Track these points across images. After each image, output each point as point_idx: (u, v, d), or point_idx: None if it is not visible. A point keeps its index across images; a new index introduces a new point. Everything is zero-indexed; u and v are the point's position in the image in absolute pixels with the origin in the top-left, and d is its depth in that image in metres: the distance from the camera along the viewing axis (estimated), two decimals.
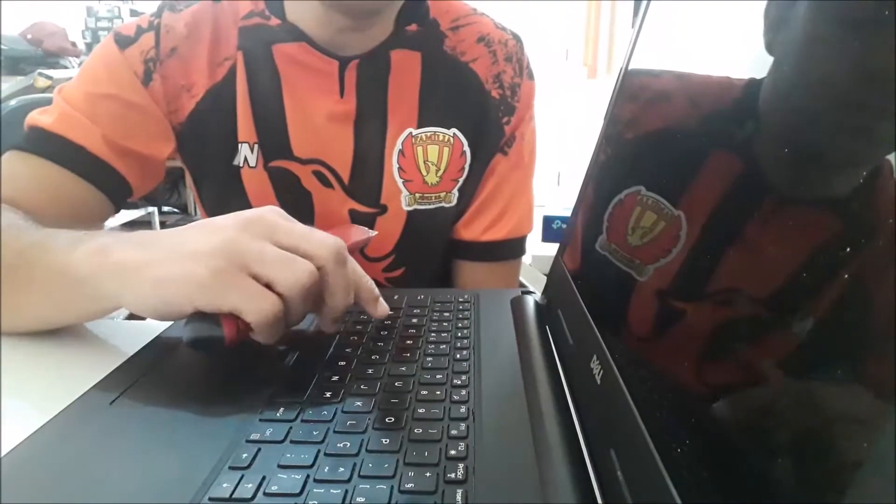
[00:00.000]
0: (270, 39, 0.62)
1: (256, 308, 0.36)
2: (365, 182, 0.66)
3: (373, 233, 0.58)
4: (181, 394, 0.38)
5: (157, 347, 0.43)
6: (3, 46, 2.91)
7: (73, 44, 3.21)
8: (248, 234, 0.37)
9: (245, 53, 0.63)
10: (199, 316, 0.37)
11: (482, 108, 0.68)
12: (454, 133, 0.67)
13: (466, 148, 0.67)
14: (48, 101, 0.63)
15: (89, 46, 3.34)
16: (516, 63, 0.70)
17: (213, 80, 0.63)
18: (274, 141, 0.64)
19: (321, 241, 0.39)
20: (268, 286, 0.37)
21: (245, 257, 0.36)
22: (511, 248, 0.72)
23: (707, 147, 0.30)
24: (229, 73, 0.63)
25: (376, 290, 0.44)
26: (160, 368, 0.40)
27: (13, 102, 1.37)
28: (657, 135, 0.39)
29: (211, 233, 0.38)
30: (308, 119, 0.64)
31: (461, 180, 0.68)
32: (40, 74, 2.53)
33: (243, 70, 0.63)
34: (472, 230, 0.70)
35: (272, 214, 0.40)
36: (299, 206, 0.66)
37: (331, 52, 0.62)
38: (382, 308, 0.44)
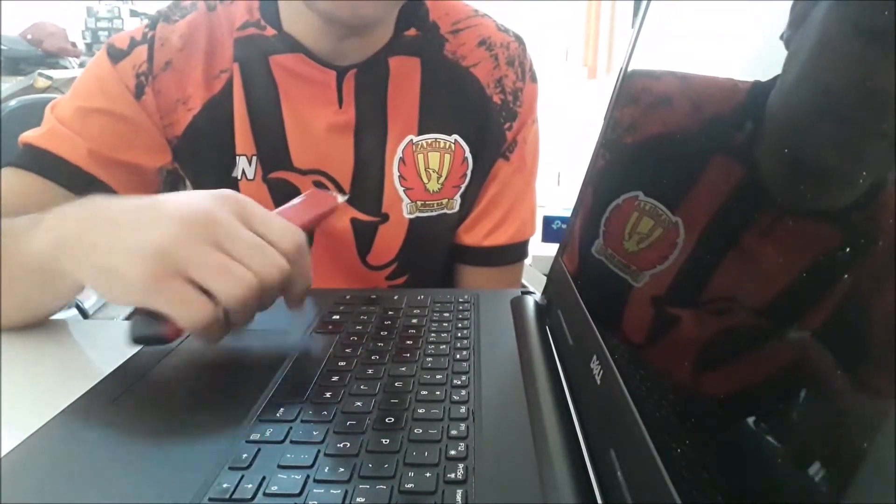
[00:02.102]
0: (267, 50, 0.62)
1: (187, 315, 0.36)
2: (366, 191, 0.66)
3: (341, 198, 0.55)
4: (181, 394, 0.38)
5: (157, 348, 0.43)
6: (3, 46, 2.91)
7: (73, 44, 3.21)
8: (193, 237, 0.36)
9: (241, 65, 0.62)
10: (143, 310, 0.37)
11: (483, 114, 0.67)
12: (455, 139, 0.66)
13: (468, 154, 0.67)
14: (48, 102, 0.63)
15: (89, 47, 3.34)
16: (518, 67, 0.69)
17: (209, 92, 0.62)
18: (273, 153, 0.63)
19: (270, 258, 0.38)
20: (207, 293, 0.36)
21: (183, 262, 0.36)
22: (514, 253, 0.71)
23: (706, 152, 0.30)
24: (226, 85, 0.62)
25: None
26: (160, 369, 0.40)
27: (13, 103, 1.37)
28: (656, 138, 0.39)
29: (157, 227, 0.37)
30: (307, 130, 0.63)
31: (463, 186, 0.68)
32: (40, 75, 2.53)
33: (240, 82, 0.62)
34: (474, 235, 0.70)
35: (226, 212, 0.38)
36: None
37: (328, 62, 0.62)
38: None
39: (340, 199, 0.55)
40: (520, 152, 0.70)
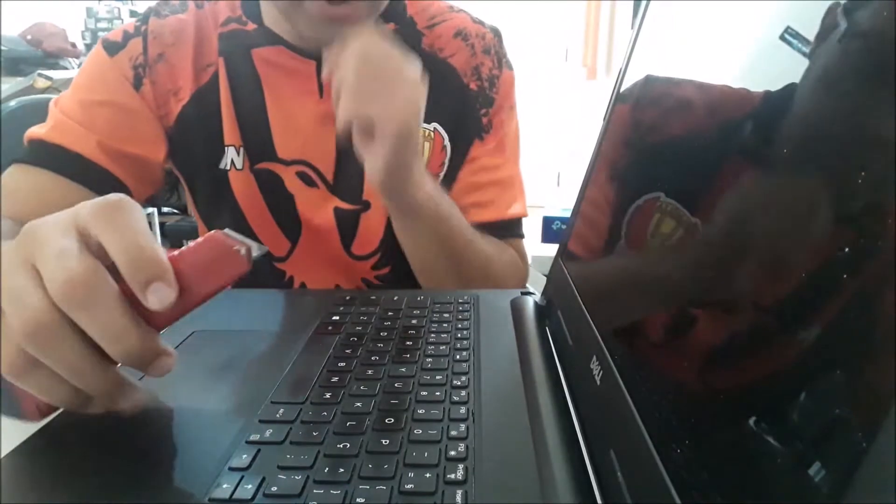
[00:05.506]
0: (249, 44, 0.64)
1: None
2: (348, 180, 0.67)
3: (257, 247, 0.33)
4: (181, 395, 0.38)
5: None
6: (2, 47, 2.91)
7: (73, 44, 3.21)
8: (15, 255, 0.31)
9: (225, 59, 0.65)
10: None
11: (461, 101, 0.69)
12: (435, 127, 0.68)
13: (447, 142, 0.68)
14: (48, 102, 0.63)
15: (89, 47, 3.34)
16: (494, 55, 0.71)
17: (198, 83, 0.65)
18: (258, 144, 0.65)
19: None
20: None
21: None
22: (500, 229, 0.69)
23: (706, 150, 0.30)
24: (213, 77, 0.65)
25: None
26: None
27: (13, 103, 1.37)
28: (657, 137, 0.39)
29: None
30: (290, 121, 0.65)
31: (442, 174, 0.69)
32: (40, 75, 2.53)
33: (225, 75, 0.64)
34: None
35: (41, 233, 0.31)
36: (283, 207, 0.67)
37: (309, 53, 0.64)
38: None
39: (254, 251, 0.33)
40: (496, 135, 0.70)
